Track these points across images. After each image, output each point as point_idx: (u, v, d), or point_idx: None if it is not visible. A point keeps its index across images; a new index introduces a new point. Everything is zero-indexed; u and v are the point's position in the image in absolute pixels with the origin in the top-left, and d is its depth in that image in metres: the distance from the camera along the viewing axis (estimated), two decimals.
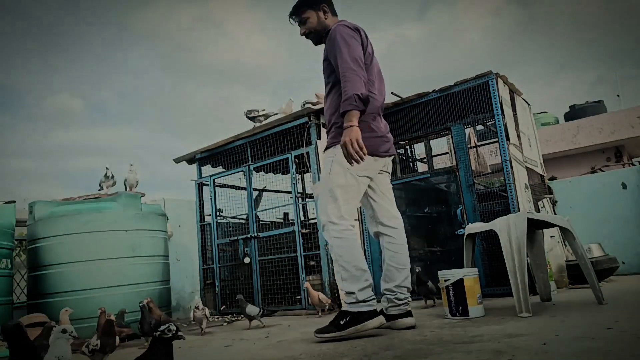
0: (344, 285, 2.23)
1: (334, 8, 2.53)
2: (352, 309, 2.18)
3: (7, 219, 3.26)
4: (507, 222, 2.53)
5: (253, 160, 4.34)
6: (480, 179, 4.01)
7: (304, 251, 3.82)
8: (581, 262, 2.60)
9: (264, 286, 4.10)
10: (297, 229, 3.89)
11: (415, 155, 4.97)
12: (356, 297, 2.18)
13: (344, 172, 2.26)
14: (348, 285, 2.21)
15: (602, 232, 4.64)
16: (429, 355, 1.62)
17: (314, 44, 2.56)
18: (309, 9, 2.47)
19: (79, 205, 3.38)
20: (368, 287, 2.22)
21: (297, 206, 4.05)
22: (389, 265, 2.44)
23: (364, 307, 2.19)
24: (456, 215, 3.73)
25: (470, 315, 2.45)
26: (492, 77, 3.64)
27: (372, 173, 2.38)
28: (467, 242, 2.83)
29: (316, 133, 3.91)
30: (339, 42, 2.25)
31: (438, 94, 3.93)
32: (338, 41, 2.25)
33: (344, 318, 2.17)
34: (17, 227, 3.61)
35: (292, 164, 3.99)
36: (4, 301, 3.13)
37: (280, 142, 4.18)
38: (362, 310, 2.18)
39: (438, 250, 4.00)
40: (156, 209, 3.74)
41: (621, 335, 1.61)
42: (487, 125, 3.95)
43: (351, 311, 2.18)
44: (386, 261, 2.46)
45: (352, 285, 2.20)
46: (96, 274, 3.20)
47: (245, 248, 4.18)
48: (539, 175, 4.50)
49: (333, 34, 2.31)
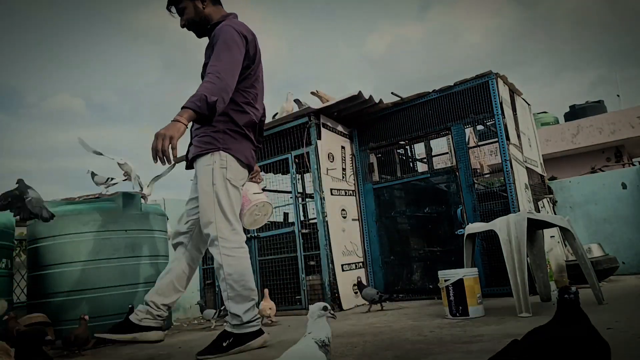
0: (229, 305, 2.12)
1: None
2: (236, 331, 2.10)
3: (7, 219, 3.26)
4: (507, 222, 2.53)
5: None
6: (481, 179, 4.01)
7: (304, 251, 3.83)
8: (581, 262, 2.60)
9: (264, 286, 4.09)
10: (297, 229, 3.89)
11: (415, 155, 4.97)
12: (241, 320, 2.10)
13: (226, 183, 2.12)
14: (234, 307, 2.10)
15: (602, 232, 4.65)
16: (429, 355, 1.62)
17: (197, 37, 2.34)
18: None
19: (79, 205, 3.38)
20: (253, 307, 2.15)
21: (297, 206, 4.06)
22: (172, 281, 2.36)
23: (248, 328, 2.11)
24: (456, 215, 3.73)
25: (470, 315, 2.45)
26: (492, 77, 3.64)
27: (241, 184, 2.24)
28: (467, 242, 2.83)
29: (316, 133, 3.91)
30: (221, 44, 2.08)
31: (438, 94, 3.93)
32: (220, 43, 2.08)
33: (227, 340, 2.09)
34: (17, 227, 3.60)
35: (292, 164, 3.99)
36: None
37: (280, 142, 4.18)
38: (246, 332, 2.11)
39: (438, 250, 4.00)
40: (156, 209, 3.74)
41: (621, 335, 1.61)
42: (487, 125, 3.96)
43: (235, 332, 2.10)
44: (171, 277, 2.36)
45: (237, 307, 2.10)
46: (96, 274, 3.20)
47: None
48: (539, 175, 4.50)
49: (218, 33, 2.12)
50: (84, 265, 3.20)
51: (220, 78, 1.98)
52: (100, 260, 3.23)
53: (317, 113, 3.96)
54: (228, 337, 2.10)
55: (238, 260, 2.12)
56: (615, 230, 4.65)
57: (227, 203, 2.12)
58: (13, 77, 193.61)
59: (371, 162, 4.34)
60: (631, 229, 4.59)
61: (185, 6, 2.25)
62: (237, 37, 2.11)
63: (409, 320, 2.67)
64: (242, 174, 2.20)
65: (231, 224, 2.14)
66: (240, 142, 2.17)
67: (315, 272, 3.82)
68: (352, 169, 4.30)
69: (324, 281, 3.66)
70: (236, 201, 2.18)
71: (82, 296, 3.16)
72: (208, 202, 2.12)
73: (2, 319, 2.59)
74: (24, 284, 3.87)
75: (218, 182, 2.11)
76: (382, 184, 4.23)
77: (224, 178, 2.11)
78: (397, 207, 4.24)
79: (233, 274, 2.10)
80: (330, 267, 3.67)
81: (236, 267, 2.11)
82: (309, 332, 1.25)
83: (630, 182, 4.69)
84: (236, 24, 2.18)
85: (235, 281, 2.10)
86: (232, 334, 2.10)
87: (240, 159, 2.17)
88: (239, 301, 2.11)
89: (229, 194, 2.13)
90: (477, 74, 3.70)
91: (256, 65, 2.24)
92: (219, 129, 2.15)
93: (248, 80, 2.19)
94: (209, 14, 2.26)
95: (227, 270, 2.09)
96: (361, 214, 4.23)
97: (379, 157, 4.43)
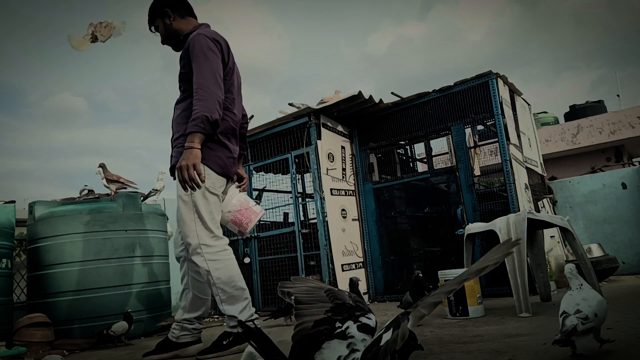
0: (224, 308, 2.14)
1: (184, 8, 2.36)
2: (235, 330, 2.14)
3: (7, 219, 3.26)
4: (507, 222, 2.53)
5: (253, 160, 4.34)
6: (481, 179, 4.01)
7: (304, 251, 3.83)
8: (581, 262, 2.60)
9: (264, 286, 4.10)
10: (297, 229, 3.89)
11: (415, 155, 4.97)
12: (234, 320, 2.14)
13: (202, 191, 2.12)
14: (229, 309, 2.13)
15: (602, 232, 4.65)
16: (429, 355, 1.62)
17: (174, 50, 2.38)
18: (156, 17, 2.35)
19: (79, 206, 3.38)
20: (248, 306, 2.17)
21: (297, 206, 4.06)
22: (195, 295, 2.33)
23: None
24: (456, 215, 3.73)
25: (470, 315, 2.45)
26: (492, 77, 3.64)
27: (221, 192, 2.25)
28: (467, 242, 2.83)
29: (316, 133, 3.91)
30: (198, 55, 2.10)
31: (438, 94, 3.93)
32: (197, 54, 2.11)
33: (227, 338, 2.15)
34: (17, 227, 3.60)
35: (292, 164, 3.99)
36: (4, 301, 3.13)
37: (280, 142, 4.18)
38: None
39: (438, 250, 4.00)
40: (156, 209, 3.74)
41: (621, 335, 1.61)
42: (487, 125, 3.96)
43: (234, 332, 2.14)
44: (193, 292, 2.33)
45: (232, 308, 2.13)
46: (96, 274, 3.20)
47: (245, 248, 4.18)
48: (539, 175, 4.50)
49: (192, 43, 2.15)
50: (84, 265, 3.20)
51: (209, 93, 2.05)
52: (100, 260, 3.23)
53: (317, 113, 3.96)
54: (228, 336, 2.14)
55: (224, 263, 2.14)
56: (615, 230, 4.65)
57: (206, 210, 2.14)
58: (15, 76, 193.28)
59: (371, 162, 4.34)
60: (631, 229, 4.59)
61: (158, 24, 2.36)
62: (210, 44, 2.15)
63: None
64: (220, 181, 2.19)
65: (211, 231, 2.15)
66: (215, 150, 2.15)
67: (315, 272, 3.81)
68: (352, 169, 4.30)
69: (324, 281, 3.66)
70: (216, 208, 2.19)
71: (82, 296, 3.16)
72: (187, 211, 2.14)
73: None
74: (24, 284, 3.87)
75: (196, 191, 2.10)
76: (382, 184, 4.23)
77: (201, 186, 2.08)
78: (397, 207, 4.24)
79: (222, 277, 2.12)
80: (330, 267, 3.67)
81: (223, 271, 2.13)
82: None
83: (630, 182, 4.69)
84: (207, 32, 2.22)
85: (225, 283, 2.12)
86: (232, 333, 2.14)
87: (213, 169, 2.15)
88: (233, 302, 2.13)
89: (208, 201, 2.15)
90: (477, 74, 3.70)
91: (230, 70, 2.25)
92: None
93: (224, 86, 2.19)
94: (178, 28, 2.32)
95: (215, 274, 2.11)
96: (361, 214, 4.23)
97: (379, 157, 4.43)
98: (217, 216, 2.21)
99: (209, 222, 2.14)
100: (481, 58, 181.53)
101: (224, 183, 2.25)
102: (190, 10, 2.38)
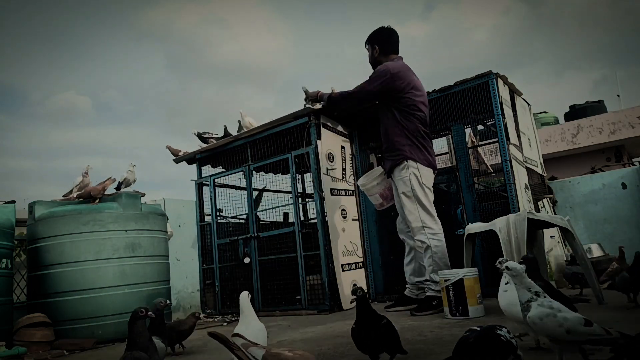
0: (432, 275, 2.87)
1: (389, 48, 3.21)
2: (439, 295, 2.72)
3: (7, 219, 3.26)
4: (507, 222, 2.53)
5: (253, 160, 4.34)
6: (481, 179, 4.01)
7: (303, 251, 3.82)
8: (581, 262, 2.61)
9: (263, 286, 4.10)
10: (297, 229, 3.89)
11: None
12: (439, 285, 2.68)
13: (421, 185, 2.95)
14: (435, 276, 2.80)
15: (602, 232, 4.65)
16: (429, 355, 1.62)
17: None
18: (367, 43, 3.27)
19: (79, 206, 3.38)
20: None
21: (297, 206, 4.05)
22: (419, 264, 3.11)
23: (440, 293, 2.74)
24: (456, 215, 3.73)
25: (470, 315, 2.45)
26: (492, 77, 3.64)
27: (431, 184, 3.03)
28: (467, 242, 2.83)
29: (316, 133, 3.91)
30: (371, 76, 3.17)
31: (438, 94, 3.92)
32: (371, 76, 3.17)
33: (435, 300, 2.82)
34: (17, 227, 3.60)
35: (292, 164, 3.98)
36: (4, 301, 3.13)
37: (280, 142, 4.18)
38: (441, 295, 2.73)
39: None
40: (156, 209, 3.74)
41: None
42: (487, 125, 3.95)
43: (439, 296, 2.72)
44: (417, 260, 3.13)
45: (437, 277, 2.74)
46: (96, 274, 3.20)
47: (245, 248, 4.18)
48: (539, 175, 4.50)
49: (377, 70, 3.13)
50: (84, 265, 3.20)
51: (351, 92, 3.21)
52: (100, 260, 3.23)
53: (317, 113, 3.95)
54: (436, 298, 2.81)
55: (441, 242, 2.95)
56: (615, 230, 4.65)
57: (425, 200, 2.97)
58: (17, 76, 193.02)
59: (371, 162, 4.34)
60: (631, 229, 4.60)
61: (368, 49, 3.29)
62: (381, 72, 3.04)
63: (409, 320, 2.67)
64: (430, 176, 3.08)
65: (431, 215, 2.97)
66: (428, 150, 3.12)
67: (315, 272, 3.81)
68: (352, 169, 4.30)
69: (324, 281, 3.66)
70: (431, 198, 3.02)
71: (82, 296, 3.17)
72: (411, 202, 2.98)
73: None
74: (24, 284, 3.87)
75: (415, 186, 2.98)
76: None
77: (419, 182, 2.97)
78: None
79: (438, 253, 2.90)
80: (330, 267, 3.67)
81: (440, 248, 2.92)
82: None
83: (630, 182, 4.70)
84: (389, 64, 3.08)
85: (440, 258, 2.89)
86: (437, 296, 2.78)
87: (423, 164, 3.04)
88: (438, 272, 2.73)
89: (425, 194, 2.99)
90: (477, 74, 3.69)
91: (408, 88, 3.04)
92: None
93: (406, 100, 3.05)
94: (379, 60, 3.20)
95: (434, 250, 2.90)
96: (361, 214, 4.23)
97: (379, 157, 4.43)
98: (432, 204, 3.00)
99: (429, 208, 2.96)
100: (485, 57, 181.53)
101: (432, 177, 3.04)
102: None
